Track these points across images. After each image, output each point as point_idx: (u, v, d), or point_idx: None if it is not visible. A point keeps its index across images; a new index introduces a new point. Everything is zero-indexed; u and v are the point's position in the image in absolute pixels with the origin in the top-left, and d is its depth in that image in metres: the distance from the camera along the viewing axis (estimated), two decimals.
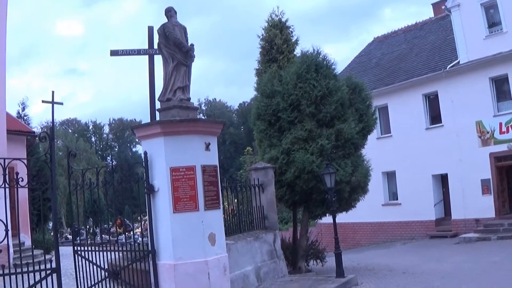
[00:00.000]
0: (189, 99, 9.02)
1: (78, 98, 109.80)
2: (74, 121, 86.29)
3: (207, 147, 8.77)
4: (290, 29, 18.36)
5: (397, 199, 24.79)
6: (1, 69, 11.52)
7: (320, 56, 13.08)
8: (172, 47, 9.02)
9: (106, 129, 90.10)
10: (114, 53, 13.94)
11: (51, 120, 22.54)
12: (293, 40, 17.95)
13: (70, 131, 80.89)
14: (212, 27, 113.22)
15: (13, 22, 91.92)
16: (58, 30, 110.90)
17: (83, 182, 9.02)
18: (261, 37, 18.17)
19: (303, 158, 11.98)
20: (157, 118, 10.23)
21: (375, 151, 20.43)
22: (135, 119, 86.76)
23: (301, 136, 12.25)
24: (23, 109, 36.99)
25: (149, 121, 11.64)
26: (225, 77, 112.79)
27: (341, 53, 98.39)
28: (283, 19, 18.57)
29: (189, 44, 9.24)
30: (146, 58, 14.07)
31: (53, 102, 21.74)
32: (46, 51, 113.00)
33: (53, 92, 21.74)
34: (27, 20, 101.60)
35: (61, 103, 22.74)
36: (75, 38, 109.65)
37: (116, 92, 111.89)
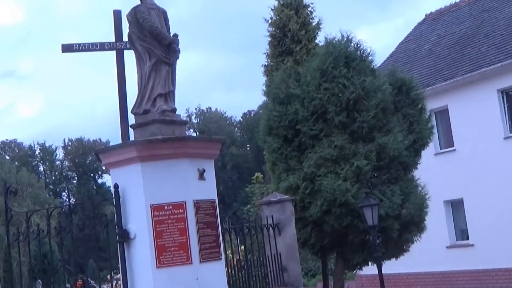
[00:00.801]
0: (174, 110, 9.19)
1: (19, 112, 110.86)
2: (13, 144, 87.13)
3: (201, 175, 8.89)
4: (309, 9, 18.52)
5: (467, 238, 24.68)
6: None
7: (352, 44, 13.25)
8: (149, 39, 9.23)
9: (60, 154, 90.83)
10: (67, 48, 14.23)
11: None
12: (313, 24, 18.05)
13: (7, 158, 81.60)
14: (203, 10, 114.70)
15: None
16: None
17: (28, 229, 9.11)
18: (269, 21, 18.33)
19: (333, 186, 12.05)
20: (131, 137, 10.38)
21: (433, 172, 20.46)
22: (99, 140, 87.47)
23: (329, 155, 12.34)
24: None
25: (120, 141, 11.77)
26: (223, 78, 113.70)
27: (379, 39, 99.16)
28: None
29: (171, 35, 9.45)
30: (112, 54, 14.34)
31: None
32: None
33: None
34: None
35: None
36: (12, 28, 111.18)
37: (72, 103, 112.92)
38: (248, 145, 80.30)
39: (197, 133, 79.97)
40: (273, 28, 18.30)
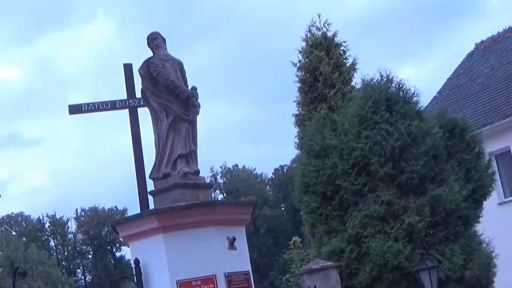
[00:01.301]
0: (197, 171, 9.30)
1: (25, 182, 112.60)
2: (20, 218, 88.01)
3: (232, 244, 8.90)
4: (342, 48, 18.67)
5: None
6: None
7: (393, 84, 13.34)
8: (164, 94, 9.42)
9: (72, 227, 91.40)
10: (75, 109, 14.54)
11: None
12: (348, 65, 18.15)
13: (14, 233, 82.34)
14: (223, 57, 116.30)
15: None
16: None
17: None
18: (298, 65, 18.51)
19: (382, 248, 11.94)
20: (151, 205, 10.48)
21: (499, 225, 20.06)
22: (116, 208, 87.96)
23: (375, 213, 12.28)
24: None
25: (138, 210, 11.86)
26: (249, 131, 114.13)
27: (424, 76, 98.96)
28: (329, 33, 18.94)
29: (189, 88, 9.63)
30: (125, 113, 14.60)
31: None
32: None
33: None
34: None
35: None
36: (15, 88, 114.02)
37: (84, 168, 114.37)
38: (282, 205, 79.95)
39: (224, 194, 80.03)
40: (303, 72, 18.44)
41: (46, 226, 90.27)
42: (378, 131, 12.60)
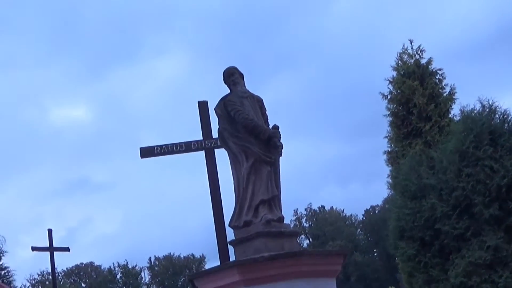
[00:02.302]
0: (281, 218, 9.29)
1: (95, 229, 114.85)
2: (90, 268, 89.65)
3: None
4: (438, 77, 18.46)
5: None
6: None
7: (497, 115, 13.12)
8: (243, 135, 9.46)
9: (146, 277, 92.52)
10: (147, 152, 14.73)
11: (49, 271, 23.65)
12: (444, 95, 17.95)
13: (83, 285, 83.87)
14: (304, 90, 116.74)
15: None
16: (52, 121, 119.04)
17: None
18: (388, 96, 18.40)
19: None
20: (231, 254, 10.54)
21: None
22: (192, 256, 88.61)
23: (481, 259, 12.06)
24: None
25: (217, 258, 11.91)
26: (335, 170, 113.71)
27: None
28: (423, 61, 18.76)
29: (270, 127, 9.68)
30: (200, 155, 14.76)
31: (52, 249, 22.96)
32: (36, 157, 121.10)
33: (50, 231, 23.03)
34: (3, 111, 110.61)
35: (67, 249, 23.92)
36: (83, 131, 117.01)
37: (157, 214, 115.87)
38: (375, 250, 78.93)
39: (310, 239, 79.62)
40: (394, 105, 18.27)
41: (118, 276, 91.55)
42: (481, 168, 12.42)
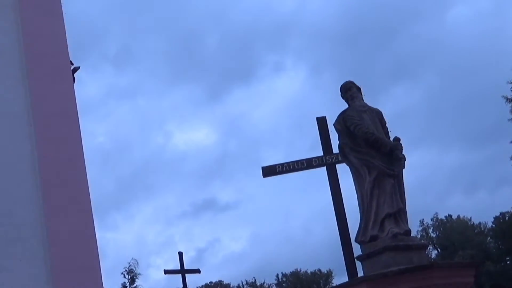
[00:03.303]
0: (408, 232, 9.15)
1: (223, 248, 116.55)
2: (219, 287, 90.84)
3: None
4: None
5: None
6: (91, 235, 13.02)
7: None
8: (364, 149, 9.40)
9: None
10: (269, 171, 14.86)
11: None
12: None
13: None
14: (422, 98, 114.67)
15: (120, 137, 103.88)
16: (176, 145, 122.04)
17: None
18: None
19: None
20: (359, 269, 10.45)
21: None
22: (319, 271, 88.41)
23: None
24: (132, 280, 40.17)
25: (344, 271, 11.86)
26: (461, 177, 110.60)
27: None
28: None
29: (392, 139, 9.55)
30: (322, 171, 14.71)
31: (183, 271, 23.40)
32: (163, 181, 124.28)
33: (180, 254, 23.51)
34: (131, 138, 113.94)
35: (197, 271, 24.31)
36: (206, 153, 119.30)
37: (282, 231, 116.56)
38: (507, 258, 76.16)
39: (439, 250, 77.82)
40: None
41: None
42: None
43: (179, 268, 23.21)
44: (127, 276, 40.14)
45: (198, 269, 24.44)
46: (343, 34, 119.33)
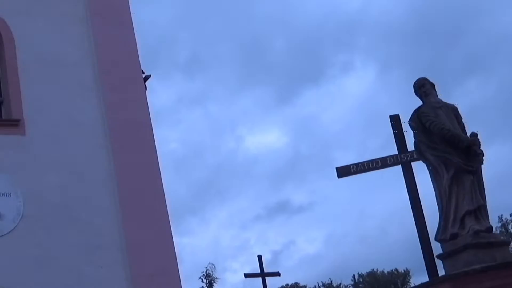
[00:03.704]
0: (489, 228, 8.94)
1: (298, 250, 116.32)
2: None
3: None
4: None
5: None
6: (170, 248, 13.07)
7: None
8: (441, 145, 9.21)
9: None
10: (343, 171, 14.75)
11: None
12: None
13: None
14: (496, 90, 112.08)
15: (192, 143, 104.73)
16: (248, 149, 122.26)
17: None
18: None
19: None
20: (439, 267, 10.27)
21: None
22: (396, 271, 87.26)
23: None
24: (210, 285, 40.35)
25: (424, 276, 11.64)
26: None
27: None
28: None
29: (469, 135, 9.35)
30: (398, 169, 14.51)
31: (263, 274, 23.36)
32: (236, 185, 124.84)
33: (260, 257, 23.50)
34: (203, 144, 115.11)
35: (277, 274, 24.23)
36: (278, 155, 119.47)
37: (357, 232, 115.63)
38: None
39: None
40: None
41: None
42: None
43: (259, 271, 23.23)
44: (205, 281, 40.42)
45: (278, 272, 24.35)
46: (411, 30, 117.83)
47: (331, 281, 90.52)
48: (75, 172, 12.57)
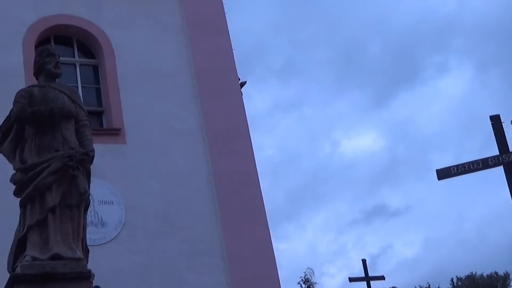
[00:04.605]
0: None
1: (396, 254, 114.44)
2: None
3: None
4: None
5: None
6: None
7: None
8: None
9: None
10: (443, 174, 14.28)
11: None
12: None
13: None
14: None
15: (288, 149, 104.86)
16: (344, 153, 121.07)
17: None
18: None
19: None
20: None
21: None
22: (495, 274, 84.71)
23: None
24: None
25: None
26: None
27: None
28: None
29: None
30: (498, 171, 13.98)
31: (367, 278, 22.90)
32: (332, 189, 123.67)
33: (364, 261, 23.07)
34: (299, 149, 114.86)
35: (382, 277, 23.71)
36: (374, 158, 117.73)
37: (456, 235, 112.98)
38: None
39: None
40: None
41: None
42: None
43: (363, 275, 22.86)
44: (303, 286, 40.12)
45: (383, 276, 23.88)
46: (509, 29, 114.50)
47: (429, 285, 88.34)
48: (175, 180, 12.61)
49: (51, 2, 13.35)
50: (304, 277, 40.28)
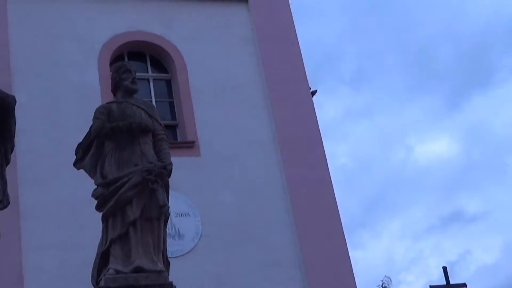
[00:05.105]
0: None
1: (474, 261, 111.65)
2: None
3: None
4: None
5: None
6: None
7: None
8: None
9: None
10: None
11: None
12: None
13: None
14: None
15: (361, 156, 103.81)
16: (418, 159, 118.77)
17: None
18: None
19: None
20: None
21: None
22: None
23: None
24: None
25: None
26: None
27: None
28: None
29: None
30: None
31: (449, 286, 22.25)
32: (407, 196, 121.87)
33: (445, 269, 22.48)
34: (372, 155, 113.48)
35: (464, 285, 23.06)
36: (449, 163, 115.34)
37: None
38: None
39: None
40: None
41: None
42: None
43: (444, 283, 22.30)
44: None
45: (465, 284, 23.25)
46: None
47: None
48: (249, 190, 12.62)
49: (124, 20, 13.60)
50: (382, 285, 39.64)
